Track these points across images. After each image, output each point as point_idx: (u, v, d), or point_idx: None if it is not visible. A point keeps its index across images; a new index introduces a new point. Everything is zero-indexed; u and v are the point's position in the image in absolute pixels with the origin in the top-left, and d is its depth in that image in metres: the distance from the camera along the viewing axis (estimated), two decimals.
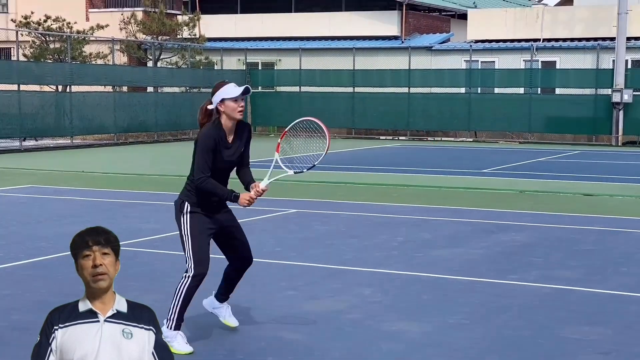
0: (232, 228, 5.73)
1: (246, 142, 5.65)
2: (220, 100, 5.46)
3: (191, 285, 5.51)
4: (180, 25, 33.09)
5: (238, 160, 5.64)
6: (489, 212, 12.25)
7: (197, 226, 5.52)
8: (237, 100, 5.44)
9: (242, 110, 5.48)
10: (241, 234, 5.80)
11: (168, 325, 5.53)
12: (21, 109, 24.03)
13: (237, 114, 5.46)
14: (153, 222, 11.09)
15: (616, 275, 8.05)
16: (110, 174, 17.49)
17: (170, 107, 29.50)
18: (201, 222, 5.53)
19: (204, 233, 5.54)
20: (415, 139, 30.58)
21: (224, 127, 5.50)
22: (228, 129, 5.52)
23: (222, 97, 5.46)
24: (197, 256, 5.49)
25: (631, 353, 5.64)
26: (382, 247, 9.41)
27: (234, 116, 5.47)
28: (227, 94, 5.43)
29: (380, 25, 34.36)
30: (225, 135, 5.51)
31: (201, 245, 5.51)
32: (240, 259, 5.81)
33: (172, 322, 5.54)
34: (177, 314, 5.53)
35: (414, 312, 6.65)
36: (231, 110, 5.45)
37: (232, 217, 5.76)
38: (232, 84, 5.50)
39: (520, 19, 31.64)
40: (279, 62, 34.38)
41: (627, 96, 27.13)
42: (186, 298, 5.52)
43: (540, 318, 6.47)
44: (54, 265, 8.40)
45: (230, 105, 5.44)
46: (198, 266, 5.48)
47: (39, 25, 29.56)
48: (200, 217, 5.54)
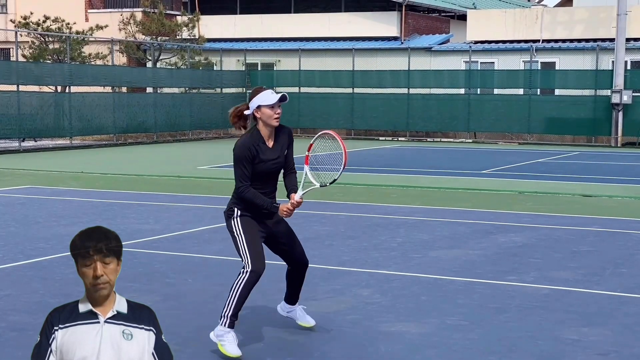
0: (282, 234, 5.72)
1: (288, 146, 5.64)
2: (257, 106, 5.45)
3: (249, 281, 5.45)
4: (179, 25, 33.09)
5: (281, 164, 5.62)
6: (488, 213, 12.25)
7: (248, 226, 5.54)
8: (273, 107, 5.43)
9: (279, 117, 5.47)
10: (292, 239, 5.77)
11: (222, 322, 5.48)
12: (20, 110, 24.03)
13: (274, 120, 5.45)
14: (152, 223, 11.09)
15: (615, 276, 8.05)
16: (109, 175, 17.48)
17: (170, 107, 29.51)
18: (252, 224, 5.56)
19: (255, 232, 5.55)
20: (415, 139, 30.59)
21: (261, 134, 5.50)
22: (266, 135, 5.52)
23: (258, 104, 5.44)
24: (252, 252, 5.48)
25: (630, 354, 5.64)
26: (381, 248, 9.41)
27: (270, 123, 5.47)
28: (264, 100, 5.42)
29: (379, 26, 34.37)
30: (264, 141, 5.51)
31: (255, 242, 5.52)
32: (294, 263, 5.84)
33: (226, 319, 5.48)
34: (232, 310, 5.46)
35: (412, 313, 6.65)
36: (267, 117, 5.44)
37: (283, 223, 5.75)
38: (269, 91, 5.49)
39: (520, 19, 31.64)
40: (279, 62, 34.39)
41: (627, 97, 27.15)
42: (243, 294, 5.46)
43: (539, 319, 6.47)
44: (53, 266, 8.40)
45: (267, 112, 5.43)
46: (255, 261, 5.46)
47: (38, 26, 29.56)
48: (251, 220, 5.56)
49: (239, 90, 32.93)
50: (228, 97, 32.25)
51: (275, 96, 5.42)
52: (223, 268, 8.36)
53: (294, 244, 5.77)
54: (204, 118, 31.02)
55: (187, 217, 11.68)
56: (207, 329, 6.15)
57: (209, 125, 31.55)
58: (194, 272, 8.11)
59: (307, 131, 32.06)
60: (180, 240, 9.88)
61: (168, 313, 6.60)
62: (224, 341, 5.44)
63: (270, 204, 5.50)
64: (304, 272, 5.90)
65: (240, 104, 5.68)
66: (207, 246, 9.49)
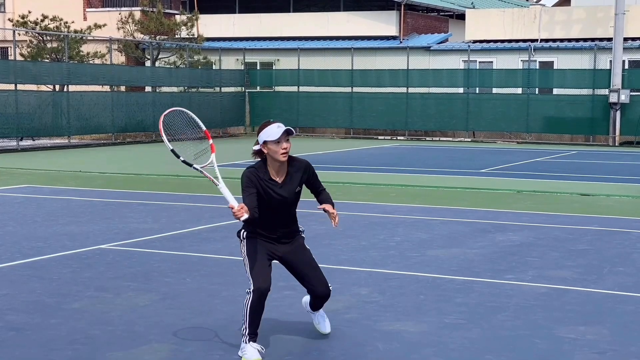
0: (295, 261, 5.60)
1: (307, 180, 5.52)
2: (263, 142, 5.32)
3: (253, 301, 5.35)
4: (178, 24, 33.08)
5: (293, 199, 5.48)
6: (487, 212, 12.26)
7: (253, 246, 5.44)
8: (279, 142, 5.27)
9: (285, 151, 5.30)
10: (306, 266, 5.61)
11: (242, 339, 5.44)
12: (18, 109, 24.02)
13: (280, 156, 5.31)
14: (150, 222, 11.08)
15: (612, 275, 8.05)
16: (107, 174, 17.48)
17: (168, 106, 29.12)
18: (258, 244, 5.46)
19: (261, 252, 5.44)
20: (414, 139, 30.59)
21: (270, 168, 5.38)
22: (275, 169, 5.39)
23: (263, 140, 5.31)
24: (254, 271, 5.38)
25: (628, 353, 5.64)
26: (380, 247, 9.41)
27: (277, 158, 5.32)
28: (268, 136, 5.28)
29: (378, 25, 34.37)
30: (271, 176, 5.39)
31: (258, 261, 5.40)
32: (313, 294, 5.67)
33: (245, 335, 5.44)
34: (247, 330, 5.40)
35: (411, 312, 6.65)
36: (274, 153, 5.30)
37: (296, 249, 5.60)
38: (275, 125, 5.30)
39: (518, 19, 31.65)
40: (277, 62, 34.38)
41: (624, 96, 27.17)
42: (251, 313, 5.36)
43: (537, 318, 6.48)
44: (51, 265, 8.39)
45: (272, 148, 5.29)
46: (256, 280, 5.34)
47: (36, 25, 29.54)
48: (258, 241, 5.47)
49: (237, 89, 32.93)
50: (227, 96, 32.25)
51: (279, 131, 5.25)
52: (221, 267, 8.36)
53: (313, 273, 5.60)
54: (202, 117, 30.30)
55: (186, 216, 11.68)
56: (205, 328, 6.15)
57: (208, 125, 30.84)
58: (192, 271, 8.11)
59: (306, 130, 32.06)
60: (179, 239, 9.88)
61: (166, 312, 6.60)
62: (245, 351, 5.40)
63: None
64: (318, 301, 5.73)
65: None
66: (205, 245, 9.49)
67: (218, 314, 6.56)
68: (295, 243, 5.61)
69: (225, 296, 7.14)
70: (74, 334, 5.98)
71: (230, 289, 7.40)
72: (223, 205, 12.98)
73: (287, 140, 5.32)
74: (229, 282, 7.69)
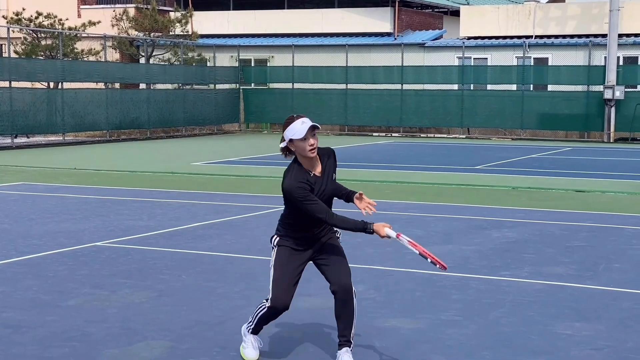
0: (325, 256, 5.27)
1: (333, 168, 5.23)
2: (289, 140, 5.02)
3: (266, 314, 5.23)
4: (172, 21, 33.02)
5: (332, 190, 5.22)
6: (482, 208, 12.27)
7: (282, 258, 5.16)
8: (305, 139, 4.96)
9: (313, 148, 4.98)
10: (334, 261, 5.26)
11: (247, 328, 5.40)
12: (12, 106, 23.97)
13: (309, 153, 4.99)
14: (146, 219, 11.07)
15: (608, 272, 8.07)
16: (102, 171, 17.45)
17: (163, 103, 29.46)
18: (288, 255, 5.17)
19: (289, 265, 5.15)
20: (408, 135, 30.60)
21: (304, 167, 5.07)
22: (308, 165, 5.08)
23: (289, 137, 5.00)
24: (276, 288, 5.13)
25: (624, 349, 5.66)
26: (376, 244, 9.41)
27: (306, 155, 5.01)
28: (294, 134, 4.96)
29: (372, 22, 34.35)
30: (311, 171, 5.08)
31: (283, 276, 5.13)
32: (334, 286, 5.21)
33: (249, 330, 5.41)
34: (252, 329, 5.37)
35: (407, 309, 6.66)
36: (302, 151, 4.99)
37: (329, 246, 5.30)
38: (299, 121, 4.98)
39: (513, 15, 31.67)
40: (272, 58, 34.35)
41: (619, 93, 27.21)
42: (260, 322, 5.31)
43: (533, 314, 6.49)
44: (46, 262, 8.38)
45: (300, 146, 4.98)
46: (275, 299, 5.13)
47: (31, 22, 29.46)
48: (289, 250, 5.18)
49: (232, 86, 32.90)
50: (221, 93, 32.22)
51: (304, 127, 4.94)
52: (217, 264, 8.36)
53: (335, 265, 5.25)
54: (197, 114, 30.99)
55: (181, 213, 11.67)
56: (201, 325, 6.15)
57: (203, 122, 31.52)
58: (187, 269, 8.11)
59: None
60: (174, 236, 9.87)
61: (162, 309, 6.60)
62: (245, 343, 5.39)
63: (363, 225, 5.18)
64: (345, 299, 5.17)
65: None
66: (200, 242, 9.48)
67: (214, 311, 6.56)
68: (327, 241, 5.34)
69: (221, 293, 7.13)
70: (70, 331, 5.97)
71: (225, 286, 7.39)
72: (218, 202, 13.02)
73: (314, 136, 5.00)
74: (224, 279, 7.69)
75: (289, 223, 5.20)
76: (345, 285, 5.18)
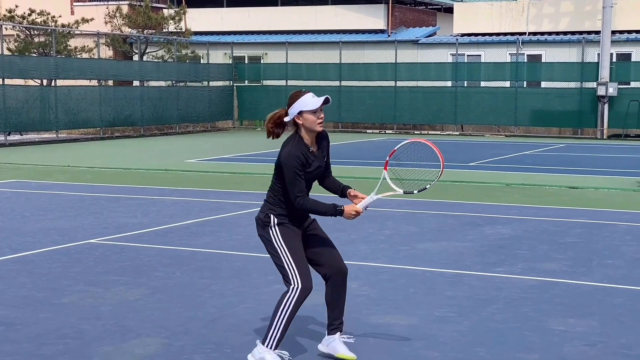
0: (317, 236, 5.24)
1: (327, 150, 5.25)
2: (298, 112, 4.97)
3: (299, 299, 4.99)
4: (166, 19, 32.98)
5: (323, 170, 5.21)
6: (476, 205, 12.29)
7: (289, 237, 5.07)
8: (316, 112, 4.97)
9: (322, 121, 5.02)
10: (327, 241, 5.27)
11: (267, 344, 5.02)
12: (5, 103, 23.91)
13: (317, 126, 5.00)
14: (140, 217, 11.06)
15: (601, 268, 8.09)
16: (95, 169, 17.43)
17: (157, 101, 29.42)
18: (293, 233, 5.09)
19: (298, 243, 5.09)
20: (402, 132, 30.62)
21: (304, 141, 5.04)
22: (309, 142, 5.06)
23: (299, 110, 4.95)
24: (300, 268, 5.00)
25: (617, 345, 5.67)
26: (369, 241, 9.42)
27: (314, 128, 5.00)
28: (306, 105, 4.95)
29: (366, 19, 34.35)
30: (309, 149, 5.06)
31: (301, 255, 5.05)
32: (331, 269, 5.18)
33: (273, 340, 5.02)
34: (280, 331, 5.00)
35: (401, 305, 6.66)
36: (311, 123, 4.97)
37: (317, 226, 5.31)
38: (310, 94, 5.02)
39: (506, 12, 31.70)
40: (266, 55, 34.33)
41: (612, 89, 27.27)
42: (292, 313, 4.99)
43: (527, 310, 6.50)
44: (40, 260, 8.37)
45: (310, 118, 4.97)
46: (304, 277, 4.98)
47: (24, 19, 29.39)
48: (290, 229, 5.10)
49: (225, 83, 32.87)
50: (215, 90, 32.19)
51: (318, 100, 4.97)
52: (211, 261, 8.35)
53: (329, 245, 5.27)
54: (191, 111, 30.95)
55: (175, 210, 11.66)
56: (195, 322, 6.15)
57: (196, 119, 31.49)
58: (181, 265, 8.10)
59: None
60: (168, 233, 9.86)
61: (156, 306, 6.60)
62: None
63: (334, 208, 5.11)
64: (340, 282, 5.21)
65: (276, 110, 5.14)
66: (194, 239, 9.47)
67: (208, 308, 6.55)
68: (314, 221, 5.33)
69: (215, 290, 7.13)
70: (64, 329, 5.96)
71: (220, 282, 7.39)
72: (212, 200, 13.01)
73: (322, 110, 5.03)
74: (218, 276, 7.68)
75: (281, 200, 5.11)
76: (341, 268, 5.22)
